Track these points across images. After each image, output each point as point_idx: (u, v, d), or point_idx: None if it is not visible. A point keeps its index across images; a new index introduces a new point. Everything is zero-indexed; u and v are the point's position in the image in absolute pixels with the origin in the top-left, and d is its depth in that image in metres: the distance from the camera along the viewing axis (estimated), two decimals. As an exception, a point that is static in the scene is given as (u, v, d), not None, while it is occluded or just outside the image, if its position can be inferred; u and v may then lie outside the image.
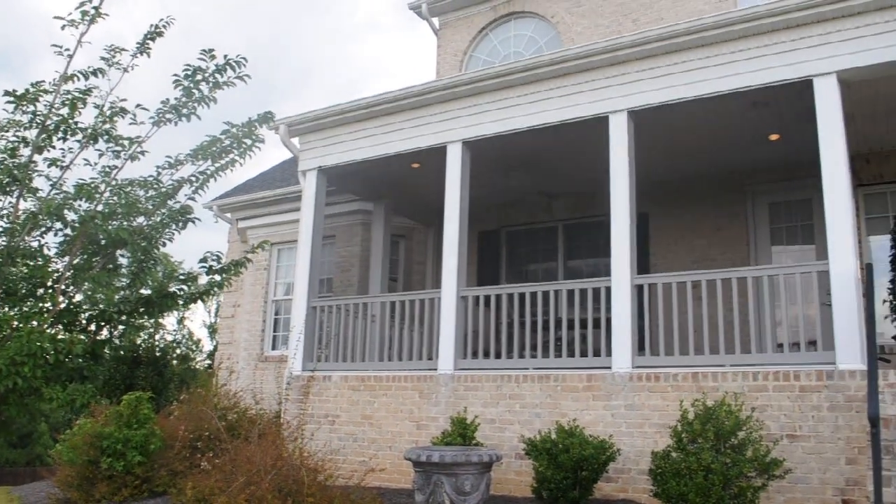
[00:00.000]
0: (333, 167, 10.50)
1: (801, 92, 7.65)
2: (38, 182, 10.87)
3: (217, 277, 10.58)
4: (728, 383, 7.23)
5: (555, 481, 6.93)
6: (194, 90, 10.11)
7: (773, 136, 9.33)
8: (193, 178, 10.37)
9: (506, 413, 8.30)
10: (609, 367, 7.87)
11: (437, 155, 9.65)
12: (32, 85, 9.52)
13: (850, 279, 6.89)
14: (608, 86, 8.48)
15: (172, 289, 10.68)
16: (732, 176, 10.69)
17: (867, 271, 6.88)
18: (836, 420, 6.72)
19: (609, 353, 7.95)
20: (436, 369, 8.94)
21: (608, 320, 8.05)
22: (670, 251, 11.05)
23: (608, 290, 8.10)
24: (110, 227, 9.46)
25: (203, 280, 11.06)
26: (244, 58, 10.12)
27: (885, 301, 9.20)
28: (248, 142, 10.42)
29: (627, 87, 8.37)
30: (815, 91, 7.41)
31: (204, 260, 10.56)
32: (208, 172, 10.39)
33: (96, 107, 9.83)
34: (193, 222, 10.50)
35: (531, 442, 7.26)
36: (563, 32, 13.81)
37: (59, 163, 9.77)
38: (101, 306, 9.79)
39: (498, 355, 9.07)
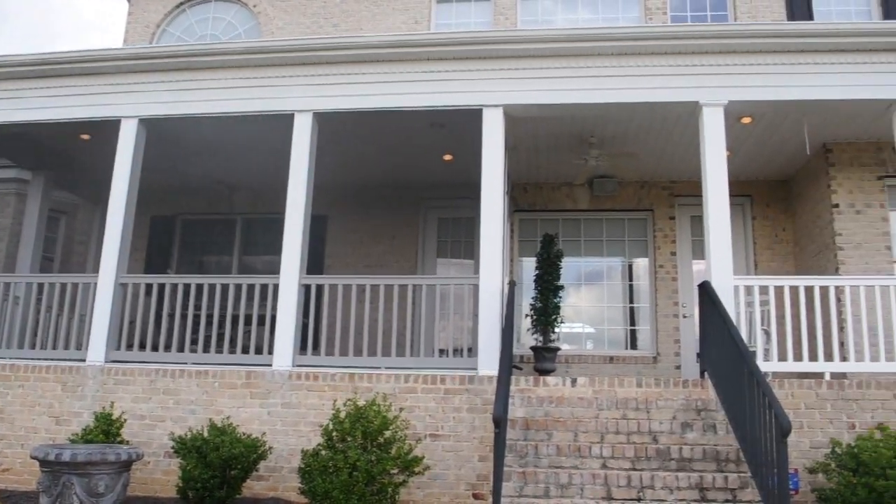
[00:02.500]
0: (-12, 126, 9.27)
1: (473, 119, 8.27)
2: None
3: None
4: (382, 384, 7.55)
5: (202, 480, 6.72)
6: None
7: (447, 157, 10.00)
8: None
9: (158, 409, 7.89)
10: (270, 365, 7.84)
11: (110, 128, 8.93)
12: None
13: (495, 294, 7.59)
14: (296, 84, 8.50)
15: None
16: (411, 189, 11.27)
17: (510, 288, 7.63)
18: (474, 421, 7.33)
19: (271, 351, 7.92)
20: (84, 360, 8.24)
21: (273, 318, 8.02)
22: (348, 254, 11.35)
23: (276, 287, 8.08)
24: None
25: None
26: None
27: (526, 315, 10.29)
28: None
29: (315, 88, 8.45)
30: (484, 120, 8.09)
31: None
32: None
33: None
34: None
35: (181, 440, 6.98)
36: (265, 24, 13.60)
37: None
38: None
39: (156, 348, 8.62)
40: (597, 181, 10.79)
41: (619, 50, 8.05)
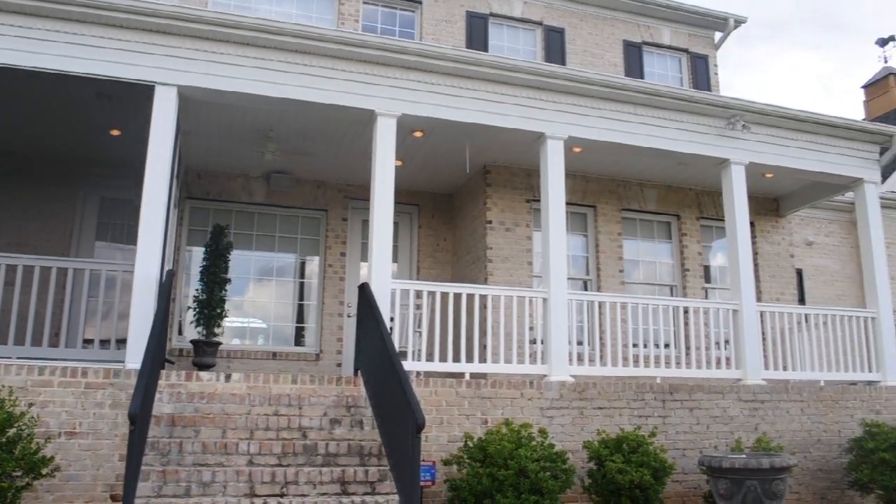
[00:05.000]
0: None
1: (146, 95, 7.76)
2: None
3: None
4: (12, 377, 6.76)
5: None
6: None
7: (115, 132, 9.29)
8: None
9: None
10: None
11: None
12: None
13: (152, 283, 7.19)
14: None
15: None
16: (72, 162, 10.26)
17: (169, 277, 7.28)
18: (117, 417, 6.84)
19: None
20: None
21: None
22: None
23: None
24: None
25: None
26: None
27: (189, 307, 9.90)
28: None
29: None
30: (155, 98, 7.63)
31: None
32: None
33: None
34: None
35: None
36: None
37: None
38: None
39: None
40: (274, 176, 10.73)
41: (302, 48, 8.09)
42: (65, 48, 7.54)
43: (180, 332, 10.34)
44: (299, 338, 10.97)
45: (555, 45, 14.22)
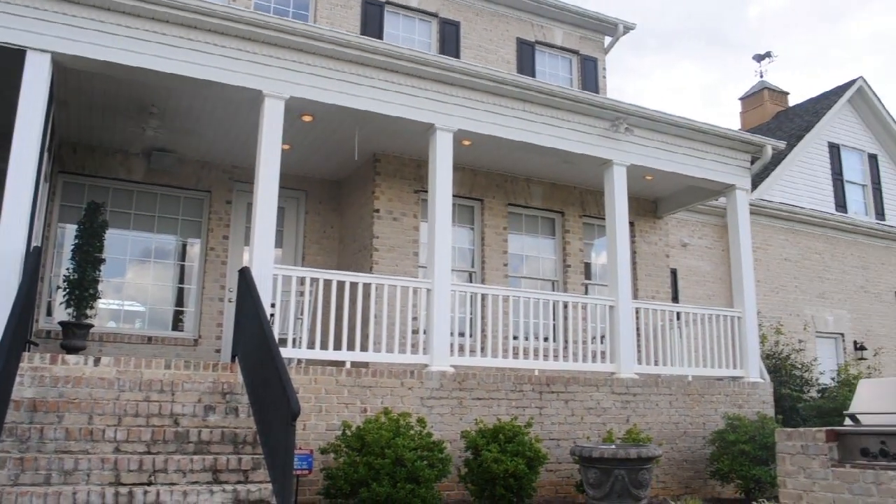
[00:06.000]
0: None
1: (18, 60, 7.29)
2: None
3: None
4: None
5: None
6: None
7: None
8: None
9: None
10: None
11: None
12: None
13: (15, 259, 6.78)
14: None
15: None
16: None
17: (35, 255, 6.88)
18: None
19: None
20: None
21: None
22: None
23: None
24: None
25: None
26: None
27: (59, 288, 9.42)
28: None
29: None
30: (27, 63, 7.18)
31: None
32: None
33: None
34: None
35: None
36: None
37: None
38: None
39: None
40: (156, 154, 10.32)
41: (189, 22, 7.79)
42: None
43: (49, 314, 9.82)
44: (178, 322, 10.62)
45: (450, 37, 14.30)
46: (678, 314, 10.76)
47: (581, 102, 9.83)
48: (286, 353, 7.86)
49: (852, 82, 18.82)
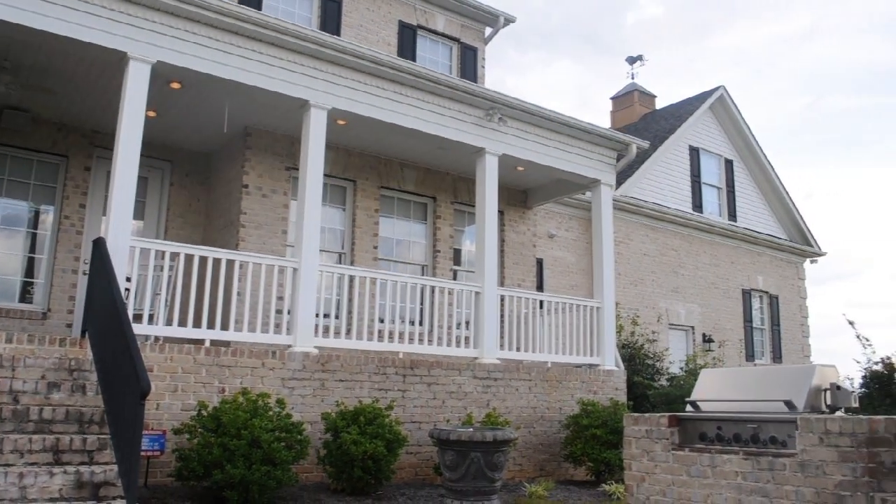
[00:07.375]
0: None
1: None
2: None
3: None
4: None
5: None
6: None
7: None
8: None
9: None
10: None
11: None
12: None
13: None
14: None
15: None
16: None
17: None
18: None
19: None
20: None
21: None
22: None
23: None
24: None
25: None
26: None
27: None
28: None
29: None
30: None
31: None
32: None
33: None
34: None
35: None
36: None
37: None
38: None
39: None
40: (7, 112, 9.60)
41: (47, -26, 7.29)
42: None
43: None
44: (26, 294, 9.97)
45: (331, 14, 14.06)
46: (541, 302, 11.08)
47: (457, 90, 9.91)
48: (142, 329, 7.56)
49: (715, 90, 19.89)
